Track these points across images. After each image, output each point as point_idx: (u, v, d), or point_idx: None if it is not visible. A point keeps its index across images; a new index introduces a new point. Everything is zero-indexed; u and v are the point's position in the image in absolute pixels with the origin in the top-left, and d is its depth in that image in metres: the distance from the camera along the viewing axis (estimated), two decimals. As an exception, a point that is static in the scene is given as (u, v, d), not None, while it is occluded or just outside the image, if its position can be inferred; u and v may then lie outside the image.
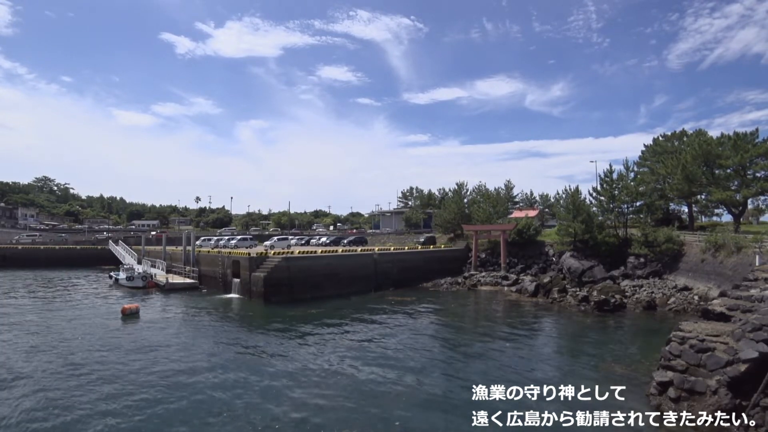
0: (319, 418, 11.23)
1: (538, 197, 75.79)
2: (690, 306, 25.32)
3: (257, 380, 14.22)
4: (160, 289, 36.04)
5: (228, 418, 11.31)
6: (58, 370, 15.27)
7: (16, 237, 72.57)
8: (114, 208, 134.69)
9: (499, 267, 40.92)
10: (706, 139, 40.52)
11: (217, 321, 24.09)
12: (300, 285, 30.82)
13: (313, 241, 57.38)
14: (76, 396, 12.84)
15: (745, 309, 12.41)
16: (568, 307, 27.68)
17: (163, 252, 47.89)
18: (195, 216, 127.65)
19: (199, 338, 20.08)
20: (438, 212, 59.10)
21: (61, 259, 62.67)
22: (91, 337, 20.01)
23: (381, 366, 15.74)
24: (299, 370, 15.24)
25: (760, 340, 10.00)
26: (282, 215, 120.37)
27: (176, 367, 15.70)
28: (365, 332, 21.24)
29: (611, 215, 39.56)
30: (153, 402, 12.40)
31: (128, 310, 25.17)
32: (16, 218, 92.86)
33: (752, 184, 35.13)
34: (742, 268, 23.42)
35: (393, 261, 38.32)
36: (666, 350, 11.71)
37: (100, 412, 11.68)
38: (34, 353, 17.35)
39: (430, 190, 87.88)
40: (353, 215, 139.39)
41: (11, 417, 11.42)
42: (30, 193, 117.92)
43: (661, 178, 43.53)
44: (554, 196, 66.27)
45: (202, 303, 29.89)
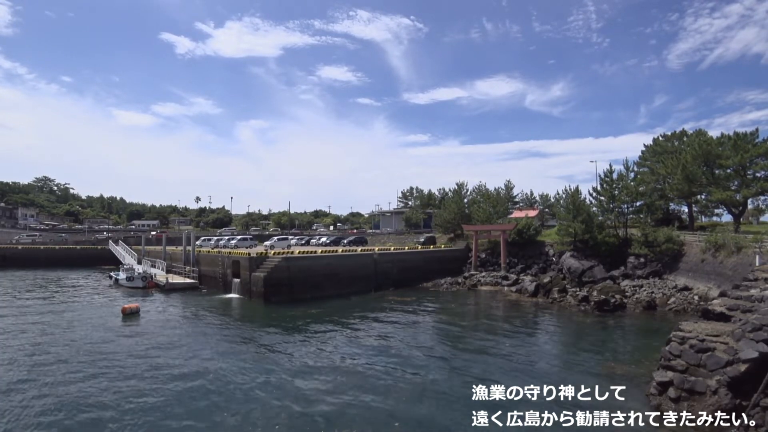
0: (318, 418, 11.23)
1: (538, 197, 75.77)
2: (690, 306, 25.32)
3: (257, 379, 14.22)
4: (160, 289, 36.04)
5: (228, 417, 11.30)
6: (58, 370, 15.26)
7: (16, 237, 72.57)
8: (114, 208, 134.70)
9: (499, 267, 40.93)
10: (706, 139, 40.51)
11: (217, 321, 24.09)
12: (300, 285, 30.82)
13: (313, 241, 57.37)
14: (76, 396, 12.84)
15: (745, 309, 12.41)
16: (568, 307, 27.68)
17: (163, 252, 47.90)
18: (195, 216, 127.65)
19: (199, 338, 20.09)
20: (438, 212, 59.09)
21: (61, 259, 62.68)
22: (91, 337, 20.00)
23: (381, 366, 15.74)
24: (299, 370, 15.24)
25: (760, 340, 10.00)
26: (282, 215, 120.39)
27: (176, 366, 15.70)
28: (365, 332, 21.24)
29: (611, 215, 39.55)
30: (153, 402, 12.40)
31: (128, 310, 25.18)
32: (16, 218, 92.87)
33: (752, 184, 35.12)
34: (742, 268, 23.42)
35: (393, 261, 38.32)
36: (666, 350, 11.71)
37: (100, 412, 11.68)
38: (34, 353, 17.34)
39: (430, 190, 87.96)
40: (353, 215, 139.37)
41: (11, 417, 11.42)
42: (30, 193, 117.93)
43: (661, 178, 43.52)
44: (554, 196, 66.22)
45: (202, 303, 29.89)
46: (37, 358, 16.64)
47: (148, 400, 12.49)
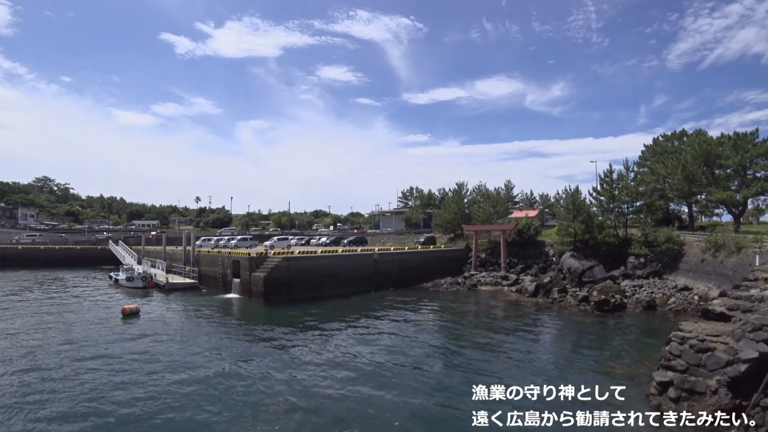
0: (318, 417, 11.24)
1: (538, 197, 75.79)
2: (690, 306, 25.32)
3: (258, 379, 14.22)
4: (160, 289, 36.03)
5: (229, 417, 11.31)
6: (58, 370, 15.26)
7: (16, 237, 72.54)
8: (114, 208, 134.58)
9: (499, 267, 40.92)
10: (706, 139, 40.50)
11: (217, 321, 24.09)
12: (300, 285, 30.81)
13: (313, 241, 57.39)
14: (76, 396, 12.83)
15: (745, 309, 12.41)
16: (568, 307, 27.68)
17: (163, 252, 47.90)
18: (195, 216, 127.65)
19: (199, 338, 20.07)
20: (438, 212, 59.10)
21: (61, 259, 62.67)
22: (91, 338, 19.99)
23: (380, 365, 15.75)
24: (300, 370, 15.24)
25: (760, 340, 9.99)
26: (282, 215, 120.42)
27: (176, 367, 15.70)
28: (365, 332, 21.24)
29: (611, 215, 39.54)
30: (153, 402, 12.40)
31: (128, 310, 25.17)
32: (16, 218, 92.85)
33: (752, 184, 35.11)
34: (742, 268, 23.42)
35: (393, 261, 38.31)
36: (666, 350, 11.71)
37: (100, 413, 11.68)
38: (34, 354, 17.33)
39: (430, 190, 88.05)
40: (353, 215, 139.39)
41: (11, 417, 11.42)
42: (30, 193, 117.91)
43: (661, 178, 43.50)
44: (554, 196, 66.23)
45: (202, 303, 29.89)
46: (36, 359, 16.63)
47: (148, 401, 12.48)
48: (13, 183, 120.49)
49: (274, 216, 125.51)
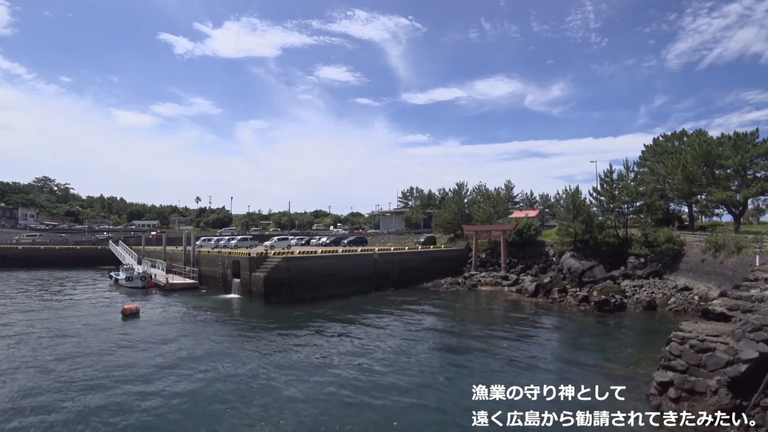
0: (318, 417, 11.23)
1: (538, 197, 75.87)
2: (690, 306, 25.30)
3: (258, 379, 14.22)
4: (160, 290, 36.03)
5: (228, 417, 11.31)
6: (58, 371, 15.27)
7: (16, 237, 72.53)
8: (114, 209, 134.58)
9: (499, 267, 40.92)
10: (706, 139, 40.52)
11: (217, 321, 24.08)
12: (300, 285, 30.81)
13: (313, 242, 57.40)
14: (76, 396, 12.84)
15: (746, 309, 12.41)
16: (568, 307, 27.67)
17: (163, 252, 47.90)
18: (195, 216, 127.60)
19: (199, 339, 20.07)
20: (438, 212, 59.09)
21: (61, 259, 62.66)
22: (90, 338, 20.00)
23: (381, 365, 15.74)
24: (300, 370, 15.24)
25: (761, 340, 9.99)
26: (282, 215, 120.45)
27: (176, 367, 15.70)
28: (366, 332, 21.24)
29: (611, 215, 39.53)
30: (153, 402, 12.40)
31: (128, 311, 25.17)
32: (16, 218, 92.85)
33: (752, 184, 35.12)
34: (742, 268, 23.41)
35: (393, 261, 38.31)
36: (666, 350, 11.71)
37: (99, 413, 11.68)
38: (34, 354, 17.34)
39: (430, 190, 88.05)
40: (353, 215, 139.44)
41: (11, 417, 11.41)
42: (30, 193, 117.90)
43: (661, 178, 43.52)
44: (554, 196, 66.35)
45: (202, 303, 29.88)
46: (36, 359, 16.63)
47: (148, 401, 12.48)
48: (13, 183, 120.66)
49: (274, 216, 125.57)
